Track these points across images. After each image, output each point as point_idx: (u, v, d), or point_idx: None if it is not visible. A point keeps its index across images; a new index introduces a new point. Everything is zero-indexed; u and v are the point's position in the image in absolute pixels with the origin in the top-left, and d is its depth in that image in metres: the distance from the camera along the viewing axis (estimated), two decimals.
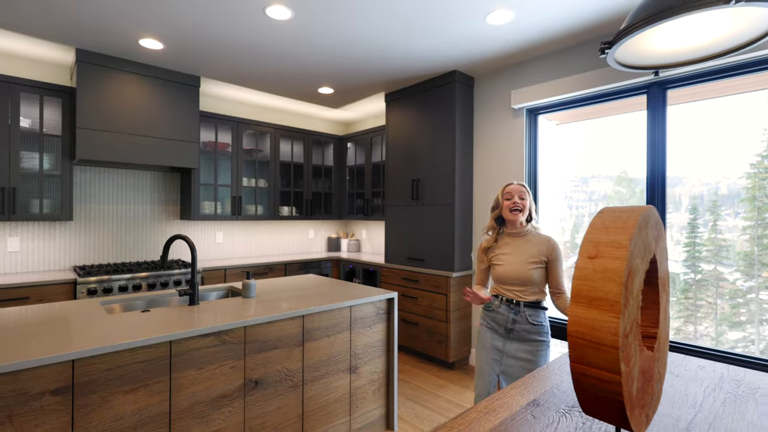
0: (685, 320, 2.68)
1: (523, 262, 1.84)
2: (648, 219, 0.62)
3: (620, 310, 0.52)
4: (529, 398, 1.10)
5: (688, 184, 2.68)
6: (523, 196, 1.88)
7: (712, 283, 2.60)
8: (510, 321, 1.86)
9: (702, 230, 2.61)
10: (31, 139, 3.04)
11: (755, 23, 1.05)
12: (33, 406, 1.36)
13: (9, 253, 3.12)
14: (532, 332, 1.83)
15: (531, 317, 1.84)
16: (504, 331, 1.88)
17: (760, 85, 2.36)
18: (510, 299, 1.87)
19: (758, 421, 0.98)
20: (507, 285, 1.89)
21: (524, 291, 1.85)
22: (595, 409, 0.57)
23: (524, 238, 1.90)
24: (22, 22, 2.58)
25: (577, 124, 3.30)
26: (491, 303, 1.92)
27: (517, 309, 1.85)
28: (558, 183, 3.42)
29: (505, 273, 1.87)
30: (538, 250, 1.85)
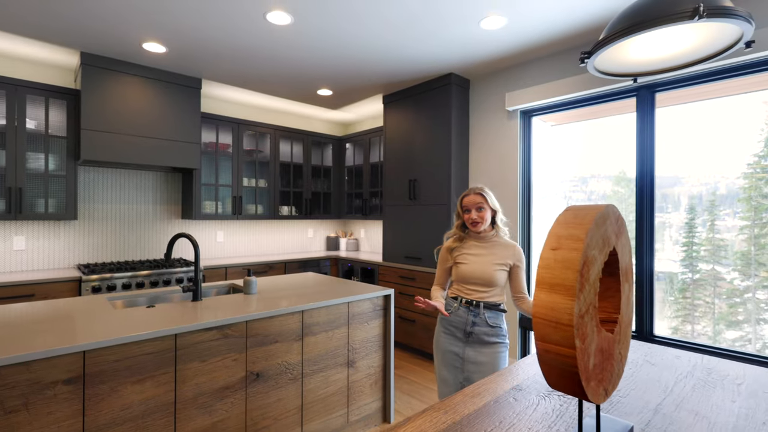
0: (683, 320, 2.71)
1: (489, 263, 1.82)
2: (606, 216, 0.71)
3: (575, 294, 0.60)
4: (513, 383, 1.18)
5: (687, 183, 2.70)
6: (481, 206, 1.84)
7: (709, 283, 2.62)
8: (469, 324, 1.81)
9: (700, 230, 2.63)
10: (37, 140, 3.11)
11: (722, 36, 1.13)
12: (47, 394, 1.44)
13: (15, 251, 3.19)
14: (491, 335, 1.80)
15: (490, 319, 1.81)
16: (463, 335, 1.83)
17: (757, 86, 2.40)
18: (470, 301, 1.82)
19: (721, 404, 1.07)
20: (470, 285, 1.85)
21: (486, 292, 1.82)
22: (556, 381, 0.65)
23: (491, 242, 1.87)
24: (30, 26, 2.65)
25: (574, 125, 3.37)
26: (448, 307, 1.89)
27: (476, 311, 1.81)
28: (557, 183, 3.48)
29: (470, 272, 1.83)
30: (504, 254, 1.84)
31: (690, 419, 0.98)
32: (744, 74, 2.38)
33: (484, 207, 1.84)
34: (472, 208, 1.85)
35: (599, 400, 0.67)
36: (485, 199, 1.85)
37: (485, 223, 1.84)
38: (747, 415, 1.01)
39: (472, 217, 1.84)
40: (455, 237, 1.94)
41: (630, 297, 0.82)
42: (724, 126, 2.51)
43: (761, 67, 2.29)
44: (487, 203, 1.85)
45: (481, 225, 1.84)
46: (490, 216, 1.86)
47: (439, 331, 1.92)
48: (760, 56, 2.23)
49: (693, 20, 0.98)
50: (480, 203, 1.84)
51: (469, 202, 1.86)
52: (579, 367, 0.60)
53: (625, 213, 2.97)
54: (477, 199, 1.84)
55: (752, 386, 1.18)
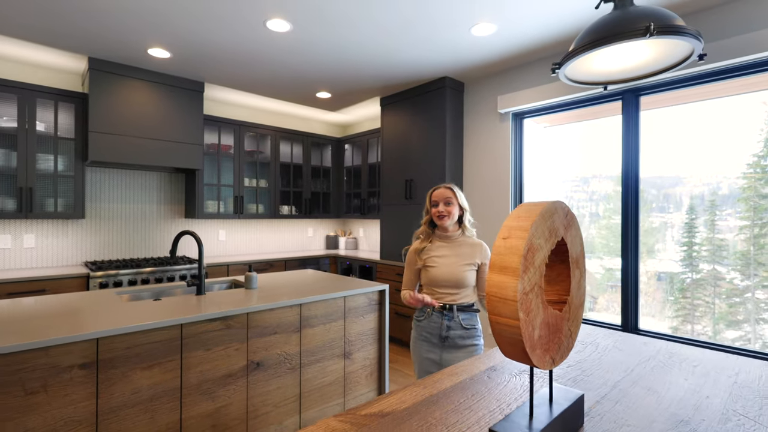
0: (683, 319, 2.73)
1: (457, 264, 1.80)
2: (553, 210, 0.82)
3: (519, 275, 0.71)
4: (489, 365, 1.30)
5: (689, 184, 2.71)
6: (449, 201, 1.83)
7: (710, 283, 2.63)
8: (444, 328, 1.79)
9: (702, 230, 2.63)
10: (47, 142, 3.24)
11: (678, 50, 1.25)
12: (63, 377, 1.56)
13: (25, 249, 3.32)
14: (467, 337, 1.80)
15: (465, 321, 1.80)
16: (439, 340, 1.81)
17: (757, 87, 2.40)
18: (443, 305, 1.81)
19: (674, 381, 1.18)
20: (440, 288, 1.82)
21: (458, 294, 1.81)
22: (507, 349, 0.77)
23: (457, 242, 1.86)
24: (40, 33, 2.78)
25: (570, 126, 3.42)
26: (423, 311, 1.87)
27: (450, 315, 1.79)
28: (558, 183, 3.54)
29: (440, 275, 1.81)
30: (471, 252, 1.83)
31: (642, 393, 1.10)
32: (731, 77, 2.44)
33: (452, 202, 1.83)
34: (440, 202, 1.83)
35: (545, 367, 0.79)
36: (454, 194, 1.84)
37: (452, 218, 1.83)
38: (695, 390, 1.12)
39: (439, 209, 1.82)
40: (423, 236, 1.92)
41: (581, 282, 0.94)
42: (726, 126, 2.50)
43: (751, 70, 2.34)
44: (456, 199, 1.84)
45: (448, 219, 1.82)
46: (457, 212, 1.84)
47: (415, 338, 1.90)
48: (758, 57, 2.27)
49: (645, 37, 1.10)
50: (449, 197, 1.83)
51: (438, 195, 1.84)
52: (523, 336, 0.72)
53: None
54: (446, 193, 1.84)
55: (706, 367, 1.29)
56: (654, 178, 2.90)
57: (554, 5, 2.40)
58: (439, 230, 1.90)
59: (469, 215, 1.91)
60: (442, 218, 1.83)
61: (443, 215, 1.82)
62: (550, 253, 0.90)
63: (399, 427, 0.91)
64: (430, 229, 1.91)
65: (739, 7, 2.34)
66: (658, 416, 0.98)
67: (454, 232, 1.87)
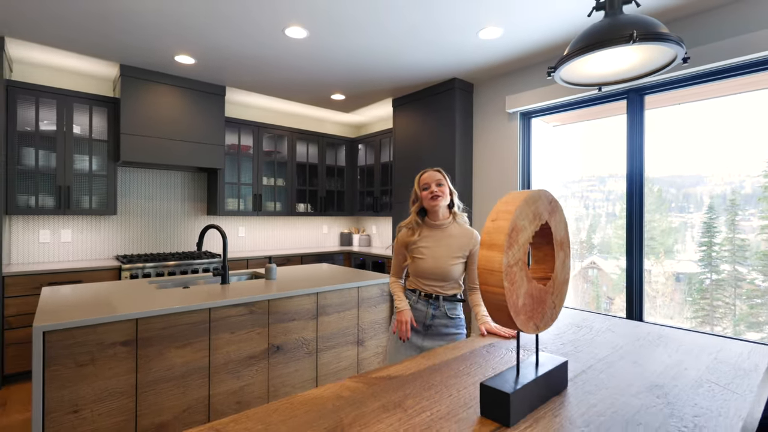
0: (701, 320, 2.67)
1: (444, 257, 1.74)
2: (537, 198, 0.96)
3: (504, 250, 0.85)
4: (488, 342, 1.43)
5: (710, 183, 2.63)
6: (441, 182, 1.76)
7: (729, 283, 2.56)
8: (429, 317, 1.76)
9: (723, 230, 2.55)
10: (82, 143, 3.48)
11: (664, 54, 1.36)
12: (108, 353, 1.75)
13: (63, 243, 3.58)
14: (451, 326, 1.77)
15: (450, 311, 1.77)
16: (422, 328, 1.78)
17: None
18: (429, 294, 1.78)
19: (658, 357, 1.30)
20: (426, 279, 1.78)
21: (444, 286, 1.77)
22: (495, 314, 0.90)
23: (447, 231, 1.78)
24: (77, 43, 3.01)
25: (580, 125, 3.38)
26: (408, 298, 1.83)
27: (436, 304, 1.76)
28: (573, 182, 3.48)
29: (426, 268, 1.76)
30: (461, 243, 1.76)
31: (626, 365, 1.22)
32: (735, 75, 2.50)
33: (443, 183, 1.76)
34: (432, 183, 1.75)
35: (529, 331, 0.92)
36: (444, 176, 1.78)
37: (445, 197, 1.76)
38: (676, 364, 1.23)
39: (433, 190, 1.73)
40: (412, 227, 1.83)
41: (566, 262, 1.07)
42: (748, 123, 2.40)
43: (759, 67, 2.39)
44: (446, 181, 1.78)
45: (442, 199, 1.74)
46: (448, 194, 1.78)
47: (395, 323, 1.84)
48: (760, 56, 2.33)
49: (629, 44, 1.22)
50: (440, 179, 1.76)
51: (429, 177, 1.77)
52: (508, 302, 0.85)
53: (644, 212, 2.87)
54: (437, 174, 1.77)
55: (691, 346, 1.40)
56: (673, 177, 2.82)
57: (557, 10, 2.50)
58: (429, 218, 1.81)
59: (458, 198, 1.84)
60: (436, 198, 1.73)
61: (437, 195, 1.73)
62: (537, 236, 1.03)
63: (403, 387, 1.05)
64: (420, 218, 1.82)
65: (748, 5, 2.41)
66: (636, 382, 1.10)
67: (445, 220, 1.79)
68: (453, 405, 0.95)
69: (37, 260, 3.46)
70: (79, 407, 1.68)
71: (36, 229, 3.46)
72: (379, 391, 1.03)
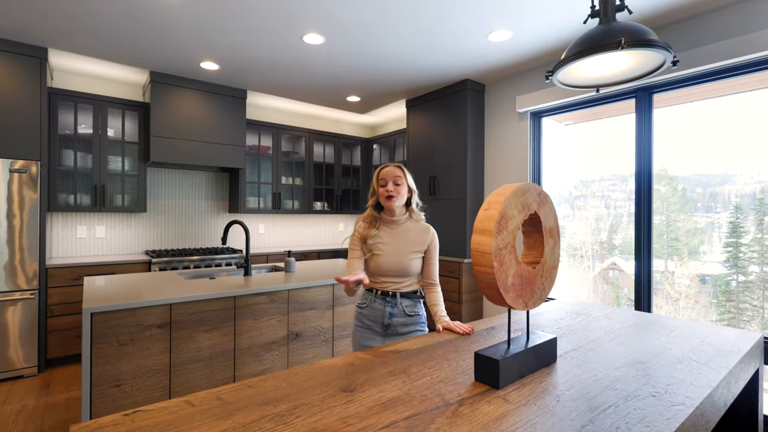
0: (727, 323, 2.60)
1: (402, 252, 1.70)
2: (526, 190, 1.08)
3: (493, 235, 0.98)
4: (490, 325, 1.56)
5: (738, 182, 2.54)
6: (398, 181, 1.70)
7: (758, 285, 2.47)
8: (387, 315, 1.69)
9: (751, 230, 2.45)
10: (116, 145, 3.73)
11: (654, 59, 1.46)
12: (145, 334, 1.94)
13: (97, 238, 3.83)
14: (410, 324, 1.71)
15: (408, 308, 1.71)
16: (381, 328, 1.71)
17: None
18: (386, 291, 1.71)
19: (647, 340, 1.40)
20: (384, 276, 1.71)
21: (402, 282, 1.72)
22: (486, 292, 1.03)
23: (403, 227, 1.75)
24: (111, 52, 3.25)
25: (595, 123, 3.40)
26: (365, 297, 1.76)
27: (393, 301, 1.70)
28: (594, 182, 3.39)
29: (384, 263, 1.69)
30: (417, 238, 1.73)
31: (614, 345, 1.32)
32: (741, 74, 2.54)
33: (401, 182, 1.71)
34: (389, 180, 1.70)
35: (518, 307, 1.05)
36: (404, 173, 1.73)
37: (401, 198, 1.71)
38: (662, 345, 1.33)
39: (388, 189, 1.69)
40: (369, 221, 1.78)
41: (555, 249, 1.19)
42: None
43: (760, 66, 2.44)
44: (405, 179, 1.73)
45: (396, 200, 1.69)
46: (406, 194, 1.73)
47: (355, 326, 1.78)
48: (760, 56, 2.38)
49: (618, 50, 1.32)
50: (398, 176, 1.71)
51: (387, 173, 1.71)
52: (497, 281, 0.98)
53: (667, 212, 2.83)
54: (396, 171, 1.72)
55: (682, 332, 1.49)
56: (700, 176, 2.71)
57: (562, 14, 2.59)
58: (385, 214, 1.76)
59: (417, 197, 1.80)
60: (391, 199, 1.69)
61: (392, 196, 1.69)
62: (527, 225, 1.16)
63: (409, 358, 1.19)
64: (377, 212, 1.77)
65: (755, 4, 2.46)
66: (621, 359, 1.20)
67: (401, 216, 1.76)
68: (452, 372, 1.08)
69: (74, 254, 3.72)
70: (120, 382, 1.87)
71: (74, 225, 3.73)
72: (386, 361, 1.17)
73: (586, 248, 3.48)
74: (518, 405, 0.90)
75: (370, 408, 0.87)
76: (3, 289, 2.97)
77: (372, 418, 0.83)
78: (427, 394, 0.95)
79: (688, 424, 0.86)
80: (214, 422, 0.81)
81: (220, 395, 0.93)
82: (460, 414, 0.85)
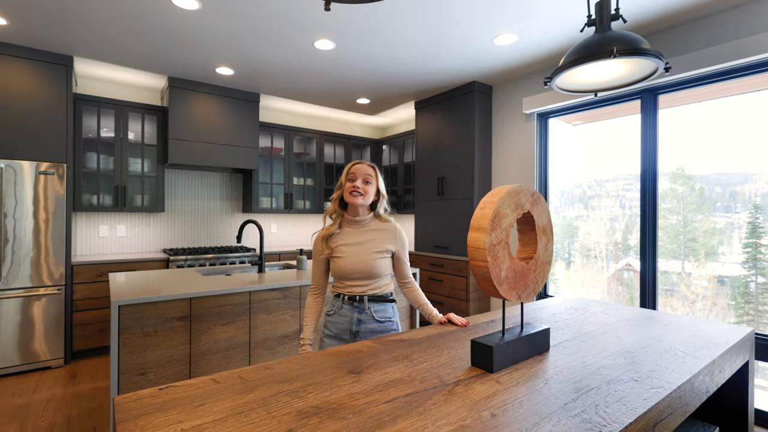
0: (746, 326, 2.43)
1: (367, 252, 1.61)
2: (519, 191, 1.17)
3: (487, 232, 1.07)
4: (491, 318, 1.64)
5: (759, 181, 2.49)
6: (369, 180, 1.62)
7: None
8: (355, 322, 1.61)
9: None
10: (135, 148, 3.90)
11: (648, 66, 1.53)
12: (168, 326, 2.07)
13: (118, 237, 4.01)
14: (380, 331, 1.62)
15: (378, 314, 1.62)
16: (349, 336, 1.62)
17: None
18: (353, 296, 1.62)
19: (640, 332, 1.47)
20: (350, 281, 1.62)
21: (369, 284, 1.63)
22: (481, 284, 1.12)
23: (367, 227, 1.66)
24: (132, 59, 3.41)
25: (604, 123, 3.39)
26: (333, 304, 1.68)
27: (361, 306, 1.61)
28: (609, 181, 3.36)
29: (348, 266, 1.60)
30: (383, 237, 1.65)
31: (607, 338, 1.40)
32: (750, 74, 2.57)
33: (371, 181, 1.63)
34: (359, 177, 1.61)
35: (512, 299, 1.14)
36: (376, 174, 1.66)
37: (367, 197, 1.62)
38: (654, 337, 1.41)
39: (356, 185, 1.60)
40: (334, 217, 1.70)
41: (548, 245, 1.27)
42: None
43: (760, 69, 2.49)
44: (376, 180, 1.66)
45: (361, 198, 1.60)
46: (373, 195, 1.65)
47: (323, 335, 1.68)
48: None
49: (610, 58, 1.40)
50: (369, 175, 1.63)
51: (358, 170, 1.62)
52: (491, 274, 1.07)
53: (684, 213, 2.78)
54: (368, 170, 1.64)
55: (675, 326, 1.56)
56: (719, 175, 2.63)
57: (565, 19, 2.66)
58: (349, 213, 1.67)
59: (387, 204, 1.72)
60: (356, 196, 1.60)
61: (358, 193, 1.60)
62: (521, 223, 1.24)
63: (412, 346, 1.29)
64: (341, 209, 1.69)
65: (761, 6, 2.49)
66: (611, 349, 1.28)
67: (365, 217, 1.66)
68: (451, 358, 1.18)
69: (97, 252, 3.90)
70: (145, 370, 2.00)
71: (96, 224, 3.91)
72: (391, 348, 1.27)
73: (600, 249, 3.47)
74: (509, 386, 0.99)
75: (374, 387, 0.98)
76: (29, 285, 3.15)
77: (376, 395, 0.93)
78: (426, 376, 1.05)
79: (664, 404, 0.94)
80: (237, 396, 0.91)
81: (241, 375, 1.04)
82: (455, 392, 0.95)
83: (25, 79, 3.16)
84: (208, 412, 0.84)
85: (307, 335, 1.64)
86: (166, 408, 0.85)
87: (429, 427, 0.79)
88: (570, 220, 3.69)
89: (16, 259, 3.10)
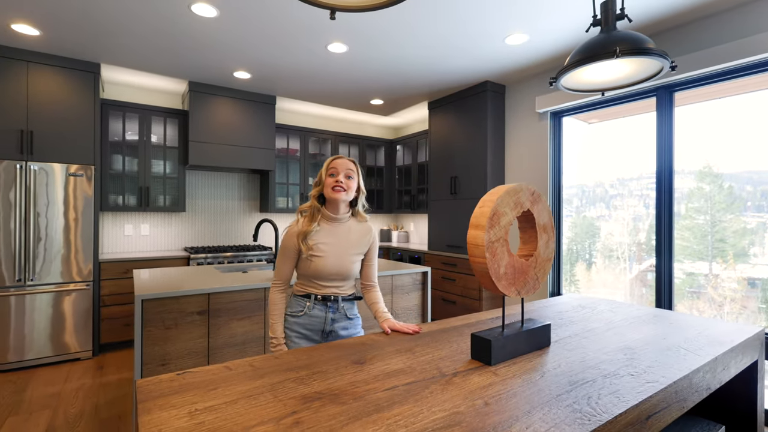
0: (756, 325, 2.47)
1: (344, 254, 1.59)
2: (518, 190, 1.20)
3: (486, 229, 1.11)
4: (495, 315, 1.68)
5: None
6: (351, 175, 1.59)
7: None
8: (329, 322, 1.60)
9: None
10: (158, 150, 4.06)
11: (653, 65, 1.53)
12: (187, 320, 2.18)
13: (142, 236, 4.18)
14: (350, 327, 1.65)
15: (349, 311, 1.65)
16: (321, 336, 1.61)
17: None
18: (326, 296, 1.60)
19: (644, 330, 1.48)
20: (325, 281, 1.59)
21: (343, 286, 1.63)
22: (481, 280, 1.16)
23: (345, 225, 1.63)
24: (154, 65, 3.56)
25: (622, 121, 3.33)
26: (302, 305, 1.61)
27: (335, 306, 1.61)
28: (633, 180, 3.26)
29: (326, 266, 1.56)
30: (360, 240, 1.64)
31: (610, 335, 1.42)
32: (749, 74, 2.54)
33: (353, 177, 1.60)
34: (341, 172, 1.57)
35: (511, 294, 1.17)
36: (357, 169, 1.62)
37: (349, 193, 1.59)
38: (658, 335, 1.42)
39: (339, 179, 1.56)
40: (309, 215, 1.61)
41: (549, 243, 1.30)
42: None
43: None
44: (358, 175, 1.62)
45: (344, 194, 1.57)
46: (355, 189, 1.62)
47: (289, 337, 1.59)
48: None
49: (613, 58, 1.41)
50: (351, 170, 1.59)
51: (340, 165, 1.58)
52: (490, 270, 1.11)
53: (712, 212, 2.71)
54: (349, 164, 1.60)
55: (681, 324, 1.56)
56: (750, 173, 2.55)
57: (577, 16, 2.65)
58: (328, 209, 1.62)
59: (364, 200, 1.69)
60: (338, 192, 1.56)
61: (341, 188, 1.56)
62: (522, 221, 1.28)
63: (415, 340, 1.34)
64: (319, 203, 1.62)
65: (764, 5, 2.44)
66: (612, 345, 1.30)
67: (344, 214, 1.64)
68: (452, 352, 1.22)
69: (122, 250, 4.08)
70: (166, 362, 2.11)
71: (121, 223, 4.09)
72: (395, 341, 1.32)
73: (623, 249, 3.37)
74: (505, 378, 1.03)
75: (376, 376, 1.03)
76: (60, 281, 3.32)
77: (377, 383, 0.98)
78: (426, 367, 1.09)
79: (658, 398, 0.96)
80: (248, 381, 0.98)
81: (252, 363, 1.11)
82: (452, 382, 0.99)
83: (57, 86, 3.34)
84: (221, 395, 0.91)
85: (278, 334, 1.57)
86: (183, 391, 0.93)
87: (424, 413, 0.84)
88: (591, 219, 3.61)
89: (48, 256, 3.28)
